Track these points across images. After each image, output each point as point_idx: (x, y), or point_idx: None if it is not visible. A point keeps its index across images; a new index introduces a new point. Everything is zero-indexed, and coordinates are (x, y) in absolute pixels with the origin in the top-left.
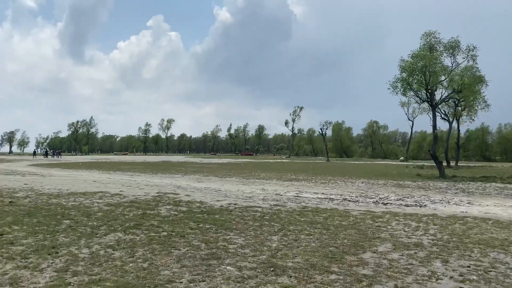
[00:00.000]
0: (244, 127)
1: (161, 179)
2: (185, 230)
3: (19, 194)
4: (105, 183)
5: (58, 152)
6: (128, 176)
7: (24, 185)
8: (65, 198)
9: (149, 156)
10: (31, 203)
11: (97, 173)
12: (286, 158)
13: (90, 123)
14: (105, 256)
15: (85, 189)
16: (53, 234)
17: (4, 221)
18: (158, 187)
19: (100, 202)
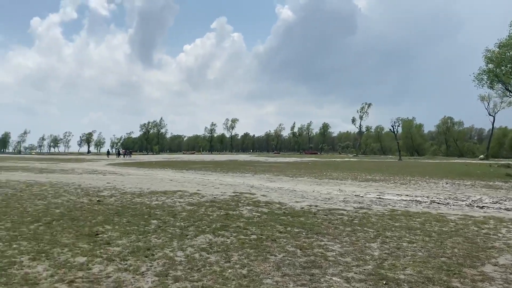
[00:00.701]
0: (308, 125)
1: (233, 178)
2: (274, 234)
3: (105, 193)
4: (181, 182)
5: (129, 152)
6: (201, 175)
7: (107, 183)
8: (147, 197)
9: (216, 155)
10: (117, 202)
11: (171, 172)
12: (353, 157)
13: (160, 123)
14: (201, 260)
15: (164, 188)
16: (145, 234)
17: (96, 220)
18: (232, 186)
19: (181, 202)
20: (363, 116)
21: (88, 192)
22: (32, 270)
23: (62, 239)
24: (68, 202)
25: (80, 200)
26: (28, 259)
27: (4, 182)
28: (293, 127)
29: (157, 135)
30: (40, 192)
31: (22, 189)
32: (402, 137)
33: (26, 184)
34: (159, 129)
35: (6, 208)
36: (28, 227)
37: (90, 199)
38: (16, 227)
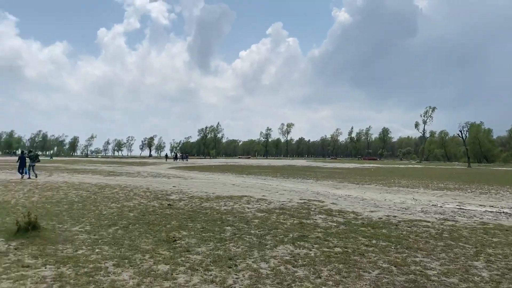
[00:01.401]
0: (366, 130)
1: (295, 184)
2: (359, 247)
3: (173, 197)
4: (245, 187)
5: (186, 156)
6: (262, 180)
7: (173, 187)
8: (215, 202)
9: (271, 160)
10: (187, 206)
11: (231, 176)
12: (416, 163)
13: (217, 128)
14: (288, 274)
15: (228, 192)
16: (222, 242)
17: (171, 224)
18: (297, 193)
19: (250, 208)
20: (426, 121)
21: (157, 195)
22: (118, 277)
23: (141, 245)
24: (140, 206)
25: (151, 204)
26: (113, 265)
27: (78, 184)
28: (350, 132)
29: (214, 140)
30: (112, 194)
31: (95, 191)
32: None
33: (98, 187)
34: (216, 134)
35: (83, 211)
36: (107, 230)
37: (160, 203)
38: (95, 230)
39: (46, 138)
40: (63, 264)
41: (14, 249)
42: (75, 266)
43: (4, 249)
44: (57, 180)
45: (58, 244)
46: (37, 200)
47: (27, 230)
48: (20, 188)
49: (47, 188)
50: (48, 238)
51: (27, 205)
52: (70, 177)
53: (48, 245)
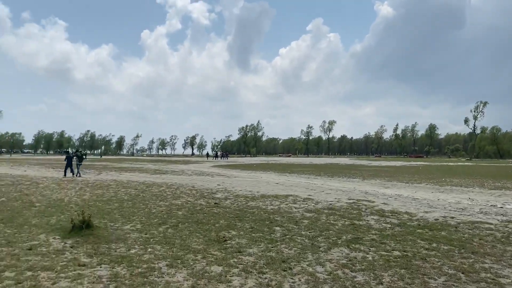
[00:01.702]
0: (412, 127)
1: (341, 183)
2: (420, 251)
3: (219, 195)
4: (289, 186)
5: (226, 154)
6: (305, 179)
7: (218, 185)
8: (261, 201)
9: (313, 158)
10: (233, 205)
11: (274, 175)
12: (466, 161)
13: (257, 127)
14: (347, 279)
15: (273, 191)
16: (273, 243)
17: (219, 224)
18: (344, 192)
19: (298, 208)
20: (477, 116)
21: (203, 194)
22: (172, 278)
23: (192, 244)
24: (188, 204)
25: (198, 202)
26: (166, 265)
27: (126, 182)
28: (396, 129)
29: (254, 138)
30: (159, 193)
31: (143, 189)
32: None
33: (145, 185)
34: (256, 132)
35: (133, 209)
36: (157, 229)
37: (207, 202)
38: (146, 228)
39: (94, 138)
40: (117, 263)
41: (70, 247)
42: (129, 266)
43: (60, 247)
44: (106, 178)
45: (111, 243)
46: (89, 198)
47: (81, 229)
48: (72, 186)
49: (98, 186)
50: (102, 236)
51: (80, 203)
52: (118, 176)
53: (101, 244)
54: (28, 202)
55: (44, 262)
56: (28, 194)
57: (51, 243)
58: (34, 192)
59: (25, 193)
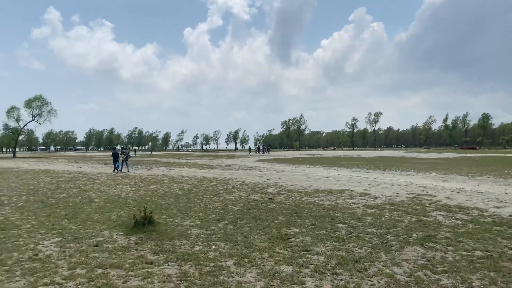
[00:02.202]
0: (464, 117)
1: (395, 176)
2: (504, 251)
3: (270, 190)
4: (341, 180)
5: (268, 149)
6: (356, 173)
7: (267, 180)
8: (315, 196)
9: (359, 151)
10: (288, 200)
11: (322, 169)
12: None
13: (300, 120)
14: (431, 281)
15: (325, 186)
16: (340, 241)
17: (278, 220)
18: (401, 186)
19: (356, 203)
20: None
21: (254, 188)
22: (243, 278)
23: (256, 242)
24: (242, 199)
25: (251, 197)
26: (233, 264)
27: (177, 177)
28: (445, 119)
29: (297, 132)
30: (211, 187)
31: (195, 184)
32: None
33: (196, 180)
34: (299, 126)
35: (189, 204)
36: (217, 225)
37: (260, 197)
38: (206, 224)
39: (141, 134)
40: (184, 261)
41: (135, 243)
42: (196, 264)
43: (125, 244)
44: (157, 173)
45: (174, 239)
46: (144, 193)
47: (144, 225)
48: (126, 182)
49: (151, 182)
50: (164, 232)
51: (136, 198)
52: (169, 171)
53: (165, 240)
54: (87, 198)
55: (112, 260)
56: (86, 190)
57: (116, 239)
58: (91, 188)
59: (84, 189)
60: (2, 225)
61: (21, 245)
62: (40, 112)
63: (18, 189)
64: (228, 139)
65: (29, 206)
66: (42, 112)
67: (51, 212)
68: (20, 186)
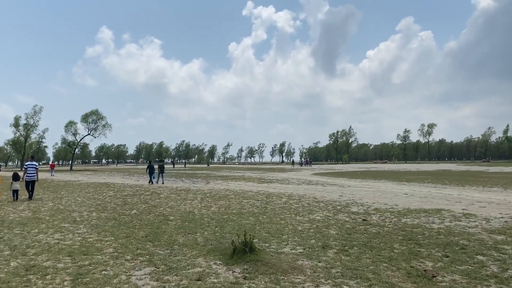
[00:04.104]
0: None
1: (480, 193)
2: None
3: (354, 209)
4: (423, 197)
5: (310, 162)
6: (433, 189)
7: (340, 197)
8: (414, 217)
9: (413, 165)
10: (385, 222)
11: (391, 184)
12: None
13: (349, 132)
14: None
15: (412, 205)
16: (505, 283)
17: (398, 250)
18: (499, 205)
19: (470, 226)
20: None
21: (335, 207)
22: None
23: (392, 280)
24: (330, 220)
25: (340, 218)
26: None
27: (241, 192)
28: (506, 130)
29: (346, 144)
30: (285, 205)
31: (266, 200)
32: None
33: (263, 195)
34: (348, 138)
35: (273, 224)
36: (325, 254)
37: (349, 217)
38: (311, 253)
39: (188, 147)
40: None
41: (243, 278)
42: None
43: (232, 279)
44: (218, 187)
45: (288, 273)
46: (217, 210)
47: (245, 252)
48: (192, 197)
49: (217, 197)
50: (270, 263)
51: (212, 216)
52: (227, 184)
53: (278, 275)
54: (160, 215)
55: None
56: (155, 206)
57: (217, 271)
58: (159, 204)
59: (152, 205)
60: (83, 248)
61: (111, 277)
62: (95, 126)
63: (86, 204)
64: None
65: (103, 225)
66: (97, 126)
67: (129, 233)
68: (87, 200)
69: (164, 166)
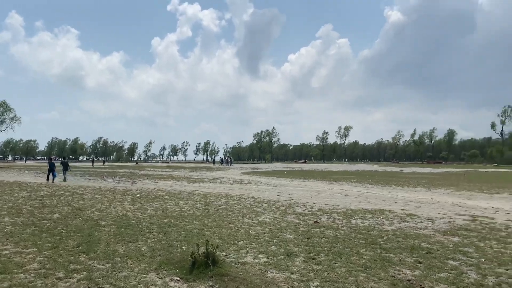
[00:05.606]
0: (430, 132)
1: (408, 192)
2: None
3: (299, 210)
4: (358, 197)
5: (231, 160)
6: (363, 188)
7: (278, 197)
8: (362, 218)
9: (331, 165)
10: (337, 224)
11: (321, 183)
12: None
13: (272, 132)
14: None
15: (353, 205)
16: None
17: (368, 256)
18: (431, 205)
19: (420, 228)
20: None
21: (279, 208)
22: None
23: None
24: (281, 223)
25: (289, 220)
26: None
27: (174, 193)
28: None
29: (269, 144)
30: (227, 206)
31: (204, 201)
32: None
33: (200, 195)
34: (271, 138)
35: (223, 229)
36: (293, 263)
37: (299, 218)
38: (279, 263)
39: (106, 144)
40: None
41: None
42: None
43: None
44: (148, 188)
45: None
46: (154, 213)
47: (207, 266)
48: (121, 198)
49: (149, 198)
50: (239, 278)
51: (150, 220)
52: (157, 184)
53: None
54: (89, 220)
55: None
56: (80, 209)
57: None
58: (84, 206)
59: (76, 207)
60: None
61: None
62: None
63: None
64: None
65: (21, 233)
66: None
67: (56, 242)
68: None
69: (69, 164)
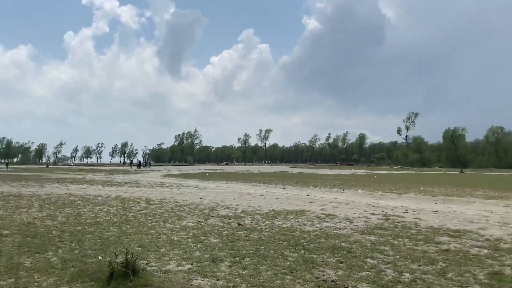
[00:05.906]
0: (344, 136)
1: (325, 193)
2: None
3: (222, 213)
4: (279, 198)
5: (149, 163)
6: (283, 189)
7: (201, 199)
8: (284, 219)
9: (253, 166)
10: (261, 226)
11: (243, 185)
12: (399, 169)
13: (194, 134)
14: None
15: (275, 206)
16: None
17: (292, 258)
18: (347, 205)
19: (339, 228)
20: (409, 126)
21: (202, 211)
22: None
23: None
24: (206, 227)
25: (214, 223)
26: None
27: (88, 197)
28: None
29: (191, 146)
30: (147, 210)
31: (121, 207)
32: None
33: (117, 200)
34: (193, 140)
35: (143, 235)
36: (219, 269)
37: (223, 221)
38: (204, 269)
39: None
40: None
41: None
42: None
43: None
44: (58, 192)
45: None
46: (66, 220)
47: (127, 276)
48: (27, 204)
49: (60, 203)
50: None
51: (61, 228)
52: (69, 188)
53: None
54: None
55: None
56: None
57: None
58: None
59: None
60: None
61: None
62: None
63: None
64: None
65: None
66: None
67: None
68: None
69: None
